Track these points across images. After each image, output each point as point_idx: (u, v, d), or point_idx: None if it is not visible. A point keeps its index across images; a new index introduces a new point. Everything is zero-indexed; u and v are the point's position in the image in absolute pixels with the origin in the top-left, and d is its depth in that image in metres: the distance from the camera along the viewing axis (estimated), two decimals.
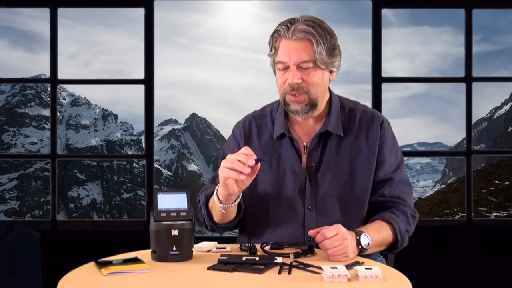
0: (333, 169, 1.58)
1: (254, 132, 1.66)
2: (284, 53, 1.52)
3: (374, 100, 3.44)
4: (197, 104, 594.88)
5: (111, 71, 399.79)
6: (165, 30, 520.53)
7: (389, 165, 1.60)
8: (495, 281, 3.35)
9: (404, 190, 1.61)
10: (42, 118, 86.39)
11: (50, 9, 3.46)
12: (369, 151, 1.59)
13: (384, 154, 1.60)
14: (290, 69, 1.52)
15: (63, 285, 1.17)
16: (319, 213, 1.57)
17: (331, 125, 1.59)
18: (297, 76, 1.51)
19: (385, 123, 1.63)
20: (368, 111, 1.64)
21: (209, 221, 1.62)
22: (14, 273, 3.16)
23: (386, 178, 1.60)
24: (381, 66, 3.47)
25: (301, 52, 1.51)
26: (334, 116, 1.60)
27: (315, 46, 1.50)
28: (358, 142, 1.59)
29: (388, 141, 1.62)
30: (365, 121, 1.62)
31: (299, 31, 1.50)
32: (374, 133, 1.60)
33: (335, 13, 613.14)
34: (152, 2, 3.47)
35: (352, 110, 1.64)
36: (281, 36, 1.53)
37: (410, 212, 1.60)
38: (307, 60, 1.51)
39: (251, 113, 1.72)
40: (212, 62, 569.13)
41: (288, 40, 1.51)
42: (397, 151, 1.64)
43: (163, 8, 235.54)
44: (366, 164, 1.58)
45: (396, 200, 1.59)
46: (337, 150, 1.59)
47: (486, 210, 19.05)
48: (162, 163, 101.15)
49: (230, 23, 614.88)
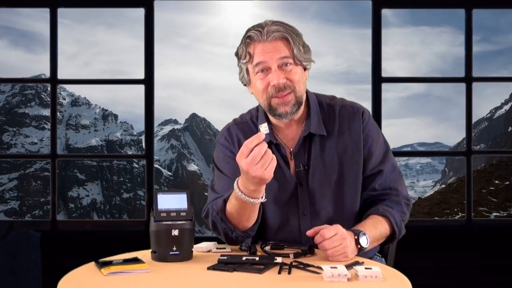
0: (321, 169, 1.57)
1: (241, 138, 1.61)
2: (262, 54, 1.51)
3: (374, 100, 3.44)
4: (197, 104, 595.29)
5: (111, 71, 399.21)
6: (165, 30, 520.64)
7: (376, 157, 1.60)
8: (495, 281, 3.35)
9: (395, 179, 1.61)
10: (42, 118, 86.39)
11: (50, 9, 3.46)
12: (355, 146, 1.58)
13: (370, 146, 1.60)
14: (272, 70, 1.51)
15: (63, 285, 1.17)
16: (314, 216, 1.57)
17: (313, 127, 1.58)
18: (281, 75, 1.50)
19: (366, 114, 1.62)
20: (347, 104, 1.63)
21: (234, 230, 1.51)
22: (14, 273, 3.16)
23: (375, 171, 1.60)
24: (381, 66, 3.47)
25: (279, 50, 1.50)
26: (314, 116, 1.59)
27: (292, 43, 1.51)
28: (342, 139, 1.59)
29: (372, 132, 1.61)
30: (346, 116, 1.60)
31: (273, 32, 1.50)
32: (357, 127, 1.59)
33: (335, 13, 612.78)
34: (152, 2, 3.47)
35: (330, 106, 1.62)
36: (254, 40, 1.52)
37: (403, 201, 1.60)
38: (287, 55, 1.51)
39: (231, 122, 1.68)
40: (212, 62, 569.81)
41: (264, 43, 1.51)
42: (382, 140, 1.64)
43: (163, 8, 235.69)
44: (354, 160, 1.58)
45: (388, 191, 1.59)
46: (323, 150, 1.58)
47: (486, 210, 19.03)
48: (162, 163, 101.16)
49: (230, 23, 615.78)
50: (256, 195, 1.41)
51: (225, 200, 1.51)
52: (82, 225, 3.90)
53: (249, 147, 1.33)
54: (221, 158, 1.64)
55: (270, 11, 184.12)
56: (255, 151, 1.33)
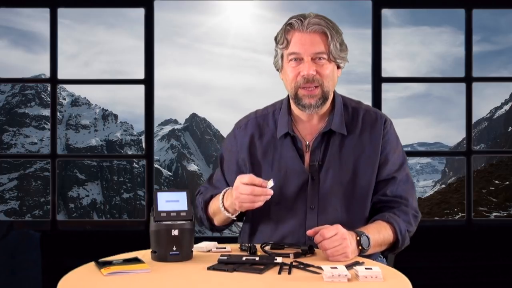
0: (335, 167, 1.57)
1: (256, 134, 1.65)
2: (297, 45, 1.52)
3: (374, 100, 3.44)
4: (197, 104, 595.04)
5: (111, 71, 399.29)
6: (165, 30, 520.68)
7: (392, 164, 1.60)
8: (495, 281, 3.35)
9: (407, 189, 1.61)
10: (42, 118, 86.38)
11: (50, 9, 3.46)
12: (372, 150, 1.59)
13: (388, 153, 1.60)
14: (304, 61, 1.52)
15: (63, 285, 1.17)
16: (321, 212, 1.57)
17: (334, 124, 1.59)
18: (312, 67, 1.52)
19: (388, 123, 1.63)
20: (371, 110, 1.64)
21: (208, 223, 1.69)
22: (14, 273, 3.16)
23: (389, 177, 1.60)
24: (381, 66, 3.47)
25: (316, 44, 1.52)
26: (338, 115, 1.60)
27: (330, 39, 1.52)
28: (361, 141, 1.59)
29: (391, 140, 1.62)
30: (368, 121, 1.62)
31: (314, 24, 1.52)
32: (377, 132, 1.60)
33: (335, 13, 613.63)
34: (152, 2, 3.47)
35: (355, 109, 1.64)
36: (294, 29, 1.53)
37: (412, 213, 1.60)
38: (322, 51, 1.52)
39: (253, 112, 1.72)
40: (212, 62, 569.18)
41: (302, 33, 1.52)
42: (400, 151, 1.65)
43: (163, 8, 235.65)
44: (369, 163, 1.58)
45: (398, 199, 1.59)
46: (340, 149, 1.59)
47: (486, 210, 19.02)
48: (162, 163, 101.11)
49: (230, 23, 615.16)
50: (232, 212, 1.56)
51: (213, 195, 1.66)
52: (82, 225, 3.90)
53: (255, 182, 1.44)
54: (225, 150, 1.72)
55: (270, 11, 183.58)
56: (258, 190, 1.44)
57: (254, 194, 1.43)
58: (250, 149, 1.64)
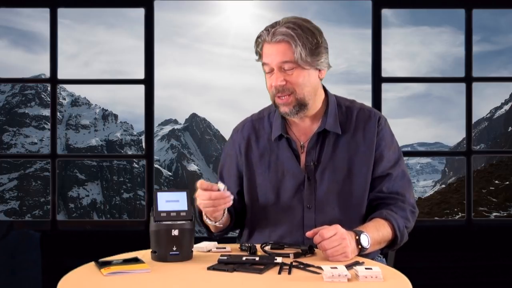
0: (331, 167, 1.59)
1: (252, 137, 1.68)
2: (266, 56, 1.55)
3: (374, 100, 3.44)
4: (197, 104, 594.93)
5: (111, 71, 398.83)
6: (165, 30, 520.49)
7: (387, 161, 1.61)
8: (495, 281, 3.35)
9: (403, 185, 1.62)
10: (42, 118, 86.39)
11: (50, 9, 3.46)
12: (367, 148, 1.60)
13: (382, 150, 1.61)
14: (274, 71, 1.55)
15: (63, 285, 1.17)
16: (318, 212, 1.58)
17: (328, 124, 1.60)
18: (280, 78, 1.54)
19: (382, 120, 1.64)
20: (365, 108, 1.65)
21: (206, 231, 1.71)
22: (14, 273, 3.16)
23: (385, 173, 1.60)
24: (381, 66, 3.47)
25: (280, 54, 1.53)
26: (332, 114, 1.61)
27: (293, 47, 1.52)
28: (356, 140, 1.60)
29: (386, 137, 1.63)
30: (362, 119, 1.63)
31: (278, 34, 1.52)
32: (372, 130, 1.61)
33: (335, 13, 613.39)
34: (152, 2, 3.47)
35: (349, 108, 1.65)
36: (262, 40, 1.56)
37: (409, 208, 1.60)
38: (287, 60, 1.53)
39: (249, 116, 1.74)
40: (212, 62, 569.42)
41: (268, 44, 1.55)
42: (396, 147, 1.65)
43: (163, 8, 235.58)
44: (364, 161, 1.59)
45: (395, 196, 1.60)
46: (335, 148, 1.60)
47: (486, 210, 19.02)
48: (162, 163, 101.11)
49: (230, 23, 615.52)
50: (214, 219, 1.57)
51: None
52: (82, 225, 3.90)
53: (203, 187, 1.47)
54: (225, 155, 1.75)
55: (270, 11, 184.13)
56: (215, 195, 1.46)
57: (212, 199, 1.46)
58: (247, 152, 1.67)
